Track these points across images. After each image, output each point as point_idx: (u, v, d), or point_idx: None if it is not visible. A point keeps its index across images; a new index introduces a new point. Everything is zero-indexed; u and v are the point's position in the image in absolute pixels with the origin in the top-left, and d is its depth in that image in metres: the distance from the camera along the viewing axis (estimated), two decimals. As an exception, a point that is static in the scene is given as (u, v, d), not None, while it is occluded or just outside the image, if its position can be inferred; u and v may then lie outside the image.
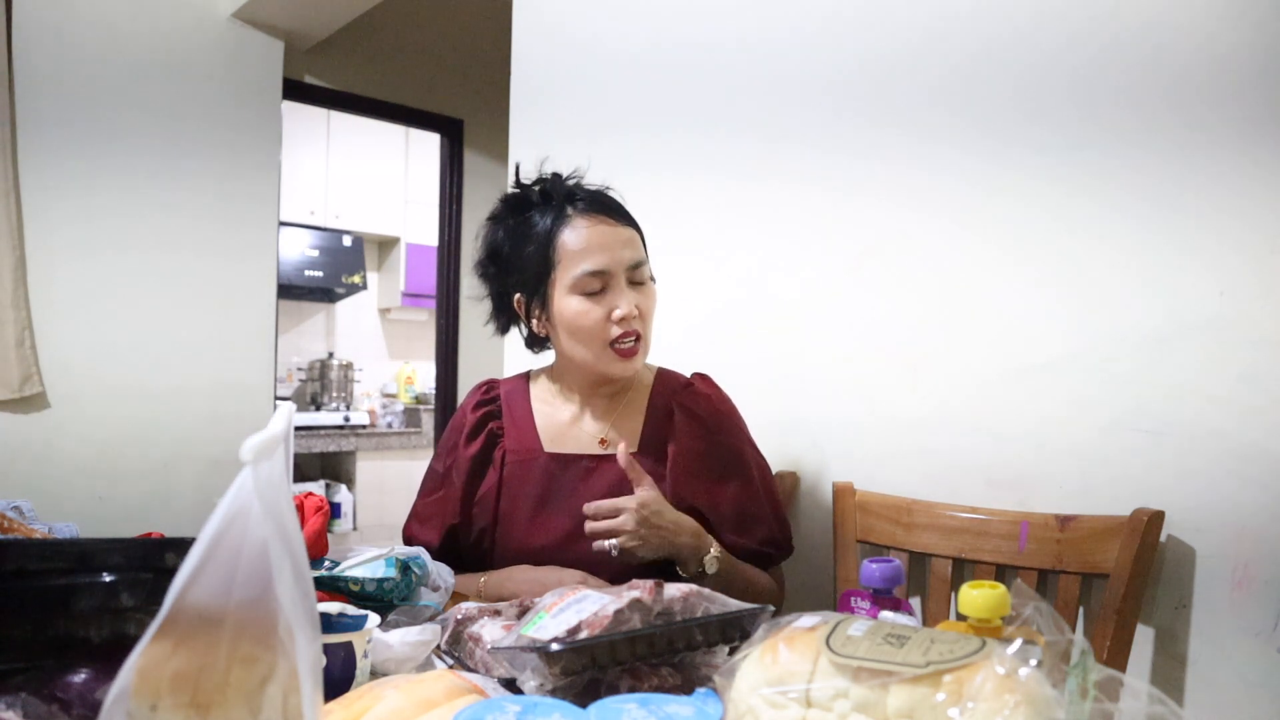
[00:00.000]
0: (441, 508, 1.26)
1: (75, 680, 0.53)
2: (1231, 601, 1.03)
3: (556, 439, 1.26)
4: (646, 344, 1.21)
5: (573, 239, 1.17)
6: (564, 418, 1.27)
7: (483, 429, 1.28)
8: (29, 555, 0.57)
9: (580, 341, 1.18)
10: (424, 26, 3.61)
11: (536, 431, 1.27)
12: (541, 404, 1.29)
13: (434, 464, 1.33)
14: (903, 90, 1.36)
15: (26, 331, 2.53)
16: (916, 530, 1.28)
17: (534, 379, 1.34)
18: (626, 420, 1.26)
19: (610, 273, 1.16)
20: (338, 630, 0.77)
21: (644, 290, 1.20)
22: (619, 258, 1.17)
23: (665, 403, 1.26)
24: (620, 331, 1.16)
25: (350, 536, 4.00)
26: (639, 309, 1.17)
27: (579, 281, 1.16)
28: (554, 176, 1.24)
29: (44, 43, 2.59)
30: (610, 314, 1.16)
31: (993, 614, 0.66)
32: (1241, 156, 1.03)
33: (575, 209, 1.19)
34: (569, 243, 1.17)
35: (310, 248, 4.41)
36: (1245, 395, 1.02)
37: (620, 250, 1.17)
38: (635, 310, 1.16)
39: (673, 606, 0.76)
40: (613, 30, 1.84)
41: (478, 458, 1.26)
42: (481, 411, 1.30)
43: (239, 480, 0.47)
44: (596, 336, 1.17)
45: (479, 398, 1.32)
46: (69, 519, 1.12)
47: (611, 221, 1.19)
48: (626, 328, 1.16)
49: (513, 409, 1.30)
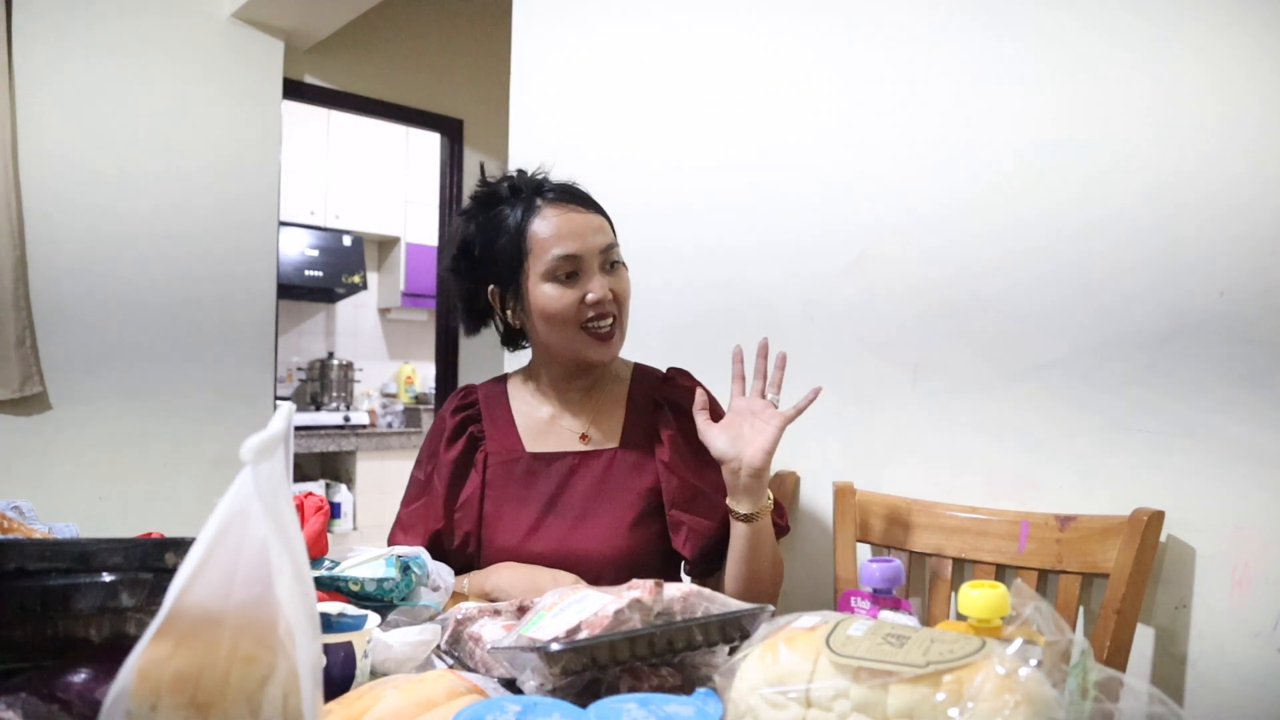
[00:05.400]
0: (425, 514, 1.26)
1: (75, 680, 0.53)
2: (1231, 601, 1.03)
3: (537, 438, 1.26)
4: (623, 330, 1.23)
5: (543, 227, 1.19)
6: (543, 416, 1.28)
7: (463, 432, 1.28)
8: (29, 555, 0.57)
9: (555, 328, 1.20)
10: (424, 26, 3.61)
11: (517, 432, 1.27)
12: (520, 404, 1.30)
13: (415, 472, 1.31)
14: (903, 90, 1.37)
15: (26, 331, 2.53)
16: (916, 530, 1.28)
17: (510, 380, 1.34)
18: (607, 415, 1.27)
19: (581, 257, 1.18)
20: (338, 630, 0.77)
21: (617, 274, 1.21)
22: (590, 243, 1.18)
23: (646, 396, 1.27)
24: (594, 314, 1.18)
25: (350, 536, 3.99)
26: (613, 292, 1.19)
27: (551, 267, 1.18)
28: (519, 173, 1.27)
29: (45, 43, 2.59)
30: (584, 298, 1.17)
31: (993, 614, 0.66)
32: (1241, 155, 1.03)
33: (545, 200, 1.21)
34: (540, 231, 1.19)
35: (310, 248, 4.41)
36: (1245, 395, 1.02)
37: (591, 236, 1.19)
38: (609, 293, 1.18)
39: (673, 606, 0.76)
40: (613, 30, 1.84)
41: (459, 461, 1.26)
42: (460, 416, 1.30)
43: (239, 480, 0.47)
44: (571, 321, 1.18)
45: (456, 403, 1.32)
46: (69, 519, 1.11)
47: (580, 209, 1.21)
48: (600, 310, 1.18)
49: (492, 411, 1.30)
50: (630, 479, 1.22)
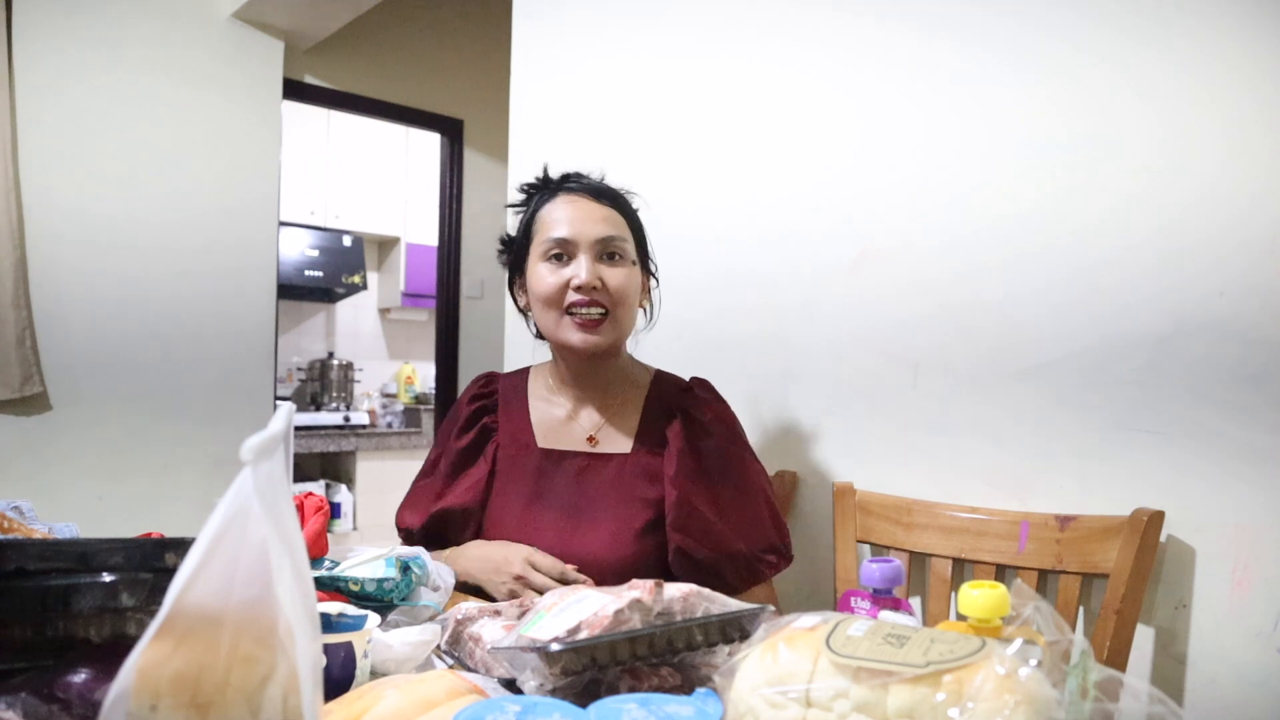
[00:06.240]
0: (427, 493, 1.29)
1: (75, 680, 0.53)
2: (1231, 601, 1.03)
3: (550, 435, 1.27)
4: (617, 324, 1.20)
5: (549, 212, 1.22)
6: (559, 414, 1.28)
7: (476, 423, 1.30)
8: (29, 555, 0.57)
9: (542, 309, 1.21)
10: (424, 26, 3.62)
11: (531, 427, 1.28)
12: (538, 400, 1.30)
13: (431, 452, 1.36)
14: (903, 90, 1.37)
15: (27, 331, 2.53)
16: (916, 530, 1.28)
17: (533, 374, 1.35)
18: (621, 419, 1.26)
19: (574, 241, 1.19)
20: (338, 630, 0.77)
21: (616, 267, 1.20)
22: (585, 230, 1.19)
23: (663, 405, 1.26)
24: (577, 299, 1.17)
25: (350, 536, 4.00)
26: (604, 282, 1.18)
27: (545, 248, 1.20)
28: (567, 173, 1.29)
29: (45, 43, 2.59)
30: (569, 281, 1.18)
31: (993, 614, 0.66)
32: (1241, 155, 1.03)
33: (563, 190, 1.24)
34: (544, 216, 1.23)
35: (310, 248, 4.41)
36: (1245, 395, 1.02)
37: (590, 223, 1.20)
38: (597, 281, 1.17)
39: (673, 606, 0.76)
40: (613, 29, 1.84)
41: (467, 451, 1.29)
42: (476, 405, 1.32)
43: (239, 480, 0.47)
44: (554, 303, 1.19)
45: (475, 390, 1.34)
46: (69, 519, 1.11)
47: (590, 199, 1.22)
48: (584, 296, 1.17)
49: (509, 403, 1.31)
50: (639, 486, 1.21)
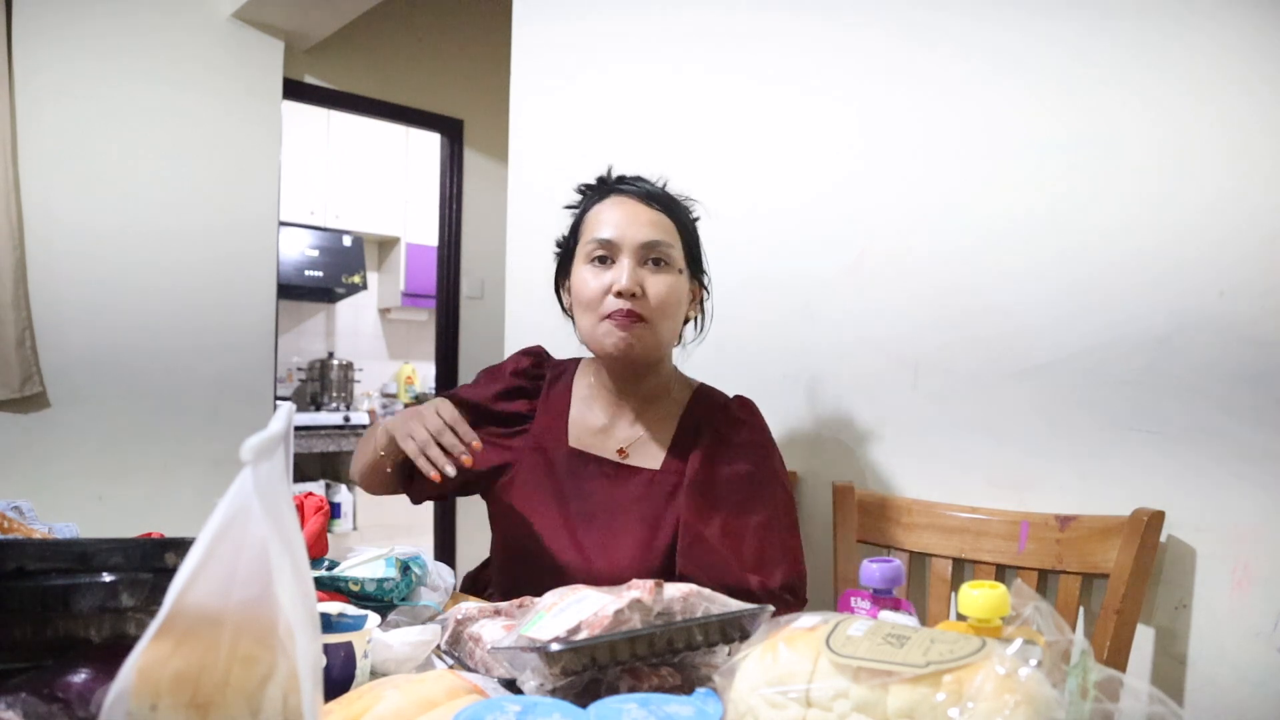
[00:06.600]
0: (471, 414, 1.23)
1: (75, 680, 0.53)
2: (1231, 601, 1.03)
3: (582, 436, 1.23)
4: (655, 333, 1.15)
5: (597, 213, 1.19)
6: (596, 419, 1.24)
7: (516, 397, 1.28)
8: (29, 555, 0.57)
9: (582, 312, 1.18)
10: (424, 26, 3.62)
11: (567, 424, 1.25)
12: (579, 400, 1.27)
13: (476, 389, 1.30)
14: (904, 90, 1.37)
15: (26, 331, 2.53)
16: (916, 530, 1.28)
17: (581, 368, 1.30)
18: (656, 431, 1.22)
19: (617, 244, 1.15)
20: (338, 630, 0.77)
21: (660, 274, 1.15)
22: (630, 233, 1.15)
23: (698, 421, 1.22)
24: (616, 306, 1.13)
25: (350, 536, 4.00)
26: (645, 289, 1.14)
27: (587, 250, 1.17)
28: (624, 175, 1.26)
29: (44, 43, 2.59)
30: (610, 286, 1.14)
31: (993, 614, 0.66)
32: (1241, 155, 1.03)
33: (616, 192, 1.21)
34: (592, 216, 1.20)
35: (310, 248, 4.41)
36: (1245, 395, 1.02)
37: (635, 227, 1.15)
38: (637, 288, 1.13)
39: (673, 606, 0.76)
40: (613, 29, 1.84)
41: (504, 417, 1.26)
42: (517, 383, 1.29)
43: (239, 480, 0.47)
44: (593, 307, 1.15)
45: (526, 365, 1.31)
46: (69, 519, 1.11)
47: (639, 202, 1.18)
48: (622, 304, 1.13)
49: (551, 395, 1.28)
50: (664, 505, 1.17)
